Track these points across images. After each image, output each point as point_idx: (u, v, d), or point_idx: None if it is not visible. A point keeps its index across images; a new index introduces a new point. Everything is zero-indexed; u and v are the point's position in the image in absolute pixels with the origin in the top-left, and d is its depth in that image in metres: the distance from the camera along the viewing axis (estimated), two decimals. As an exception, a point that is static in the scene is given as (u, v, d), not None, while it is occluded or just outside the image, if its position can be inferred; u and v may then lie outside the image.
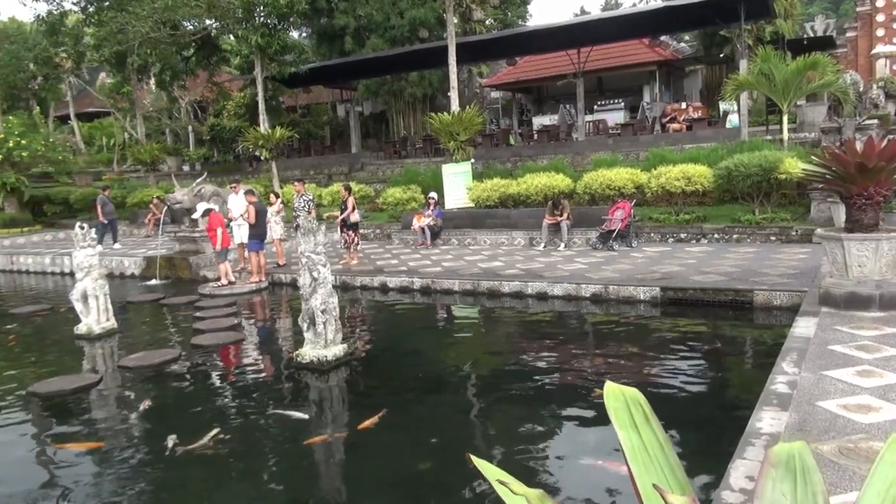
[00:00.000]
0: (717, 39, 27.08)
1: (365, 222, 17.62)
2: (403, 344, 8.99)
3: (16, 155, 23.34)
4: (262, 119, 23.20)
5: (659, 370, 6.92)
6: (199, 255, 14.79)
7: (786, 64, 15.97)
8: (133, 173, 31.17)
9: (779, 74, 15.65)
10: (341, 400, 6.93)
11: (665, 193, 14.91)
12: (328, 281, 7.73)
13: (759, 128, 21.40)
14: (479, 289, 11.01)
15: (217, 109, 32.98)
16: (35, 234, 22.84)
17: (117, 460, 5.39)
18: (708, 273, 10.17)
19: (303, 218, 7.83)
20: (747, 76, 17.17)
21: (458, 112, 18.62)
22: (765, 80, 16.08)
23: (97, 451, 5.58)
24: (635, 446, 1.44)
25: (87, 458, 5.48)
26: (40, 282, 16.66)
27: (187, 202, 14.99)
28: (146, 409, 6.63)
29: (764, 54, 16.22)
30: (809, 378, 5.09)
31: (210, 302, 11.78)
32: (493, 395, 6.59)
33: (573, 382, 6.68)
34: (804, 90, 16.21)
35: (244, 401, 6.76)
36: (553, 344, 8.29)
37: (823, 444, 3.86)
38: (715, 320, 8.64)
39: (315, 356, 7.46)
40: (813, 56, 15.72)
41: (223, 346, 8.85)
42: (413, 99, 30.55)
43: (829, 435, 4.04)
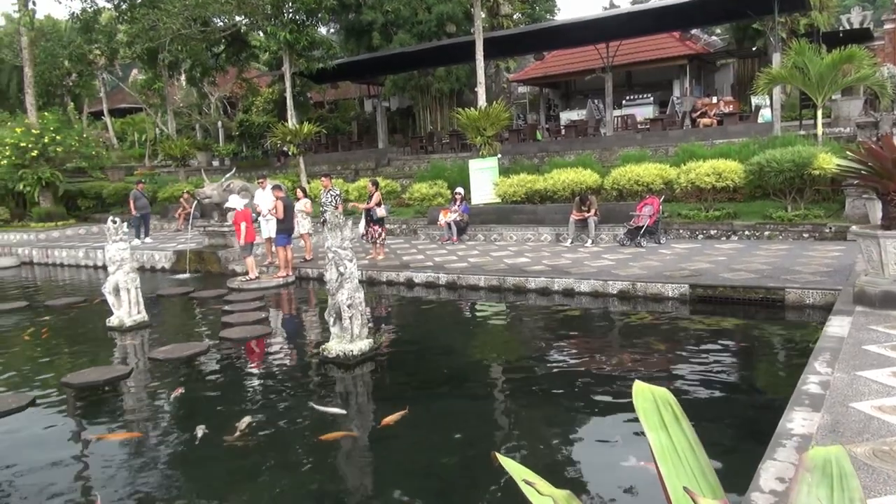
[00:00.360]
0: (750, 33, 26.55)
1: (391, 217, 17.67)
2: (428, 339, 8.99)
3: (51, 150, 23.82)
4: (290, 114, 23.38)
5: (687, 369, 6.83)
6: (228, 250, 14.96)
7: (821, 57, 15.62)
8: (164, 168, 31.64)
9: (813, 68, 15.32)
10: (366, 394, 6.95)
11: (695, 189, 14.71)
12: (354, 276, 7.76)
13: (793, 123, 20.98)
14: (504, 285, 10.97)
15: (246, 105, 33.31)
16: (69, 228, 23.32)
17: (146, 450, 5.47)
18: (738, 270, 10.01)
19: (330, 213, 7.86)
20: (780, 70, 16.84)
21: (485, 107, 18.56)
22: (799, 73, 15.75)
23: (131, 442, 5.67)
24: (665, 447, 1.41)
25: (122, 448, 5.58)
26: (74, 274, 17.00)
27: (216, 197, 15.18)
28: (178, 398, 6.77)
29: (798, 47, 15.89)
30: (843, 378, 4.98)
31: (238, 296, 11.91)
32: (519, 392, 6.56)
33: (600, 380, 6.63)
34: (839, 84, 15.85)
35: (271, 394, 6.82)
36: (579, 341, 8.23)
37: (857, 447, 3.77)
38: (745, 319, 8.50)
39: (341, 350, 7.50)
40: (849, 49, 15.34)
41: (251, 340, 8.94)
42: (440, 94, 30.52)
43: (863, 437, 3.95)
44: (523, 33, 24.26)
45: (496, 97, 25.53)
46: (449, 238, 15.80)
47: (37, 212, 24.47)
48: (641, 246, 13.12)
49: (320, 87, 32.53)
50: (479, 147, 18.51)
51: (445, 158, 23.71)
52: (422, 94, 30.97)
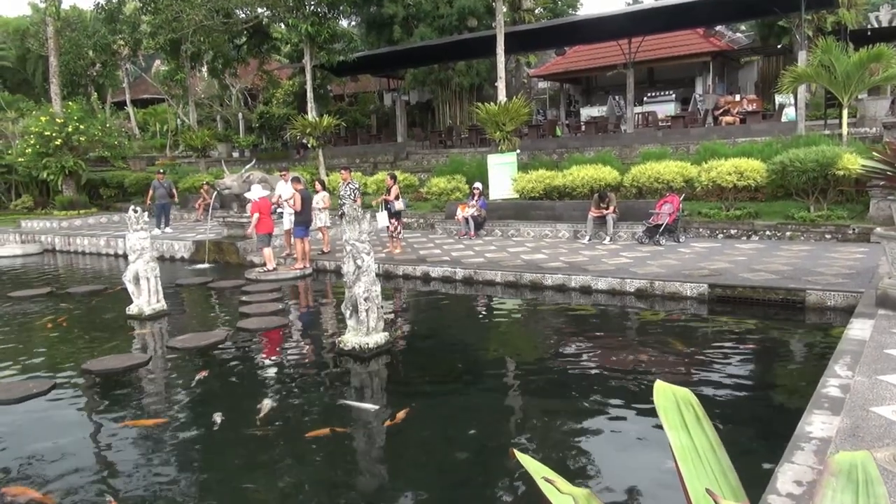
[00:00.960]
0: (776, 30, 26.21)
1: (409, 211, 17.67)
2: (444, 334, 9.00)
3: (74, 139, 24.09)
4: (311, 107, 23.44)
5: (704, 369, 6.77)
6: (247, 241, 15.05)
7: (847, 56, 15.37)
8: (184, 159, 31.88)
9: (840, 66, 15.07)
10: (381, 388, 6.97)
11: (715, 188, 14.56)
12: (371, 269, 7.77)
13: (817, 122, 20.67)
14: (521, 281, 10.94)
15: (266, 97, 33.44)
16: (91, 217, 23.59)
17: (163, 437, 5.53)
18: (758, 271, 9.90)
19: (348, 206, 7.88)
20: (806, 68, 16.60)
21: (505, 102, 18.49)
22: (825, 72, 15.51)
23: (151, 428, 5.73)
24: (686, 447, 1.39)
25: (139, 433, 5.64)
26: (95, 263, 17.20)
27: (236, 188, 15.28)
28: (201, 380, 6.91)
29: (825, 45, 15.64)
30: (864, 382, 4.91)
31: (256, 287, 11.99)
32: (534, 389, 6.54)
33: (616, 379, 6.59)
34: (866, 83, 15.58)
35: (287, 384, 6.86)
36: (596, 339, 8.18)
37: (877, 452, 3.72)
38: (765, 320, 8.40)
39: (357, 343, 7.52)
40: (877, 48, 15.07)
41: (268, 331, 9.00)
42: (460, 89, 30.45)
43: (884, 442, 3.89)
44: (545, 28, 24.10)
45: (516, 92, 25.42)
46: (466, 233, 15.78)
47: (60, 200, 24.79)
48: (660, 244, 13.02)
49: (340, 80, 32.56)
50: (498, 142, 18.45)
51: (464, 153, 23.67)
52: (442, 89, 30.92)
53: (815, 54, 16.11)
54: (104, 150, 26.17)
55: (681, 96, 27.04)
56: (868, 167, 7.95)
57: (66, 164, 24.05)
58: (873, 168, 7.65)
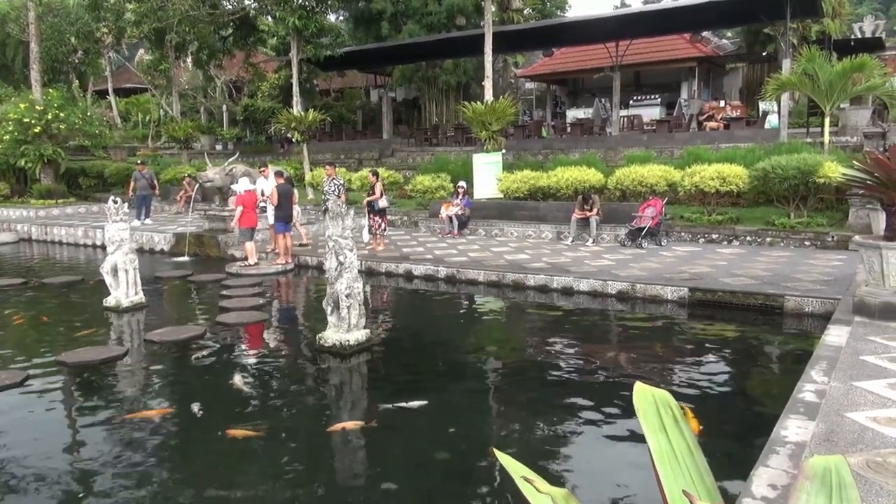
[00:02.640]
0: (761, 37, 26.46)
1: (392, 209, 17.64)
2: (425, 332, 9.00)
3: (54, 127, 23.73)
4: (296, 101, 23.31)
5: (683, 372, 6.83)
6: (228, 234, 14.95)
7: (831, 65, 15.56)
8: (167, 150, 31.56)
9: (823, 75, 15.27)
10: (361, 385, 6.96)
11: (698, 193, 14.67)
12: (354, 266, 7.75)
13: (800, 130, 20.92)
14: (503, 280, 10.97)
15: (252, 90, 33.20)
16: (69, 207, 23.29)
17: (140, 432, 5.47)
18: (738, 276, 10.00)
19: (332, 202, 7.85)
20: (790, 76, 16.79)
21: (492, 102, 18.52)
22: (808, 80, 15.70)
23: (127, 421, 5.67)
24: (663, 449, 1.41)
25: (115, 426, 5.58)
26: (72, 253, 16.99)
27: (218, 181, 15.16)
28: (197, 359, 7.11)
29: (809, 54, 15.83)
30: (839, 388, 4.98)
31: (236, 281, 11.91)
32: (515, 389, 6.56)
33: (598, 380, 6.63)
34: (849, 93, 15.78)
35: (265, 381, 6.82)
36: (577, 340, 8.23)
37: (851, 457, 3.77)
38: (743, 324, 8.49)
39: (337, 340, 7.50)
40: (860, 58, 15.28)
41: (247, 326, 8.95)
42: (447, 87, 30.44)
43: (857, 447, 3.95)
44: (533, 29, 24.16)
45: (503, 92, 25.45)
46: (450, 232, 15.79)
47: (37, 189, 24.42)
48: (642, 247, 13.12)
49: (327, 75, 32.42)
50: (483, 141, 18.47)
51: (449, 152, 23.66)
52: (428, 86, 30.88)
53: (799, 63, 16.30)
54: (84, 139, 25.79)
55: (666, 101, 27.22)
56: (848, 176, 8.06)
57: (44, 153, 23.67)
58: (853, 177, 7.76)
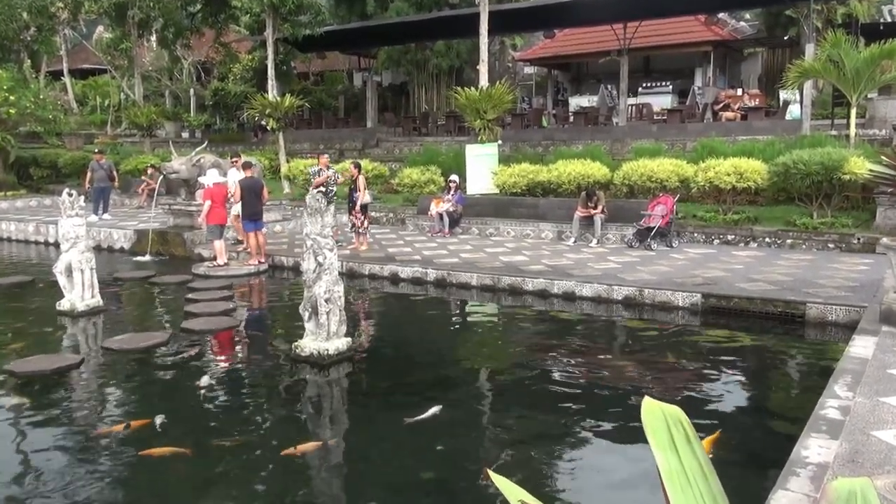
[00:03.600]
0: (783, 20, 26.59)
1: (377, 205, 17.63)
2: (412, 341, 9.00)
3: (3, 112, 23.54)
4: (271, 85, 23.24)
5: (695, 386, 6.86)
6: (195, 231, 14.88)
7: (858, 51, 15.66)
8: (127, 138, 31.38)
9: (849, 62, 15.36)
10: (341, 399, 6.94)
11: (713, 189, 14.74)
12: (334, 267, 7.74)
13: (823, 121, 21.05)
14: (499, 284, 10.98)
15: (222, 72, 33.06)
16: (19, 199, 23.12)
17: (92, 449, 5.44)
18: (756, 281, 10.06)
19: (310, 196, 7.83)
20: (813, 63, 16.88)
21: (487, 88, 18.53)
22: (833, 67, 15.79)
23: (75, 438, 5.64)
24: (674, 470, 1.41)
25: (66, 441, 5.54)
26: (22, 251, 16.87)
27: (185, 172, 15.06)
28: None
29: (834, 39, 15.92)
30: (864, 404, 5.01)
31: (204, 283, 11.86)
32: (511, 403, 6.56)
33: (602, 394, 6.64)
34: (877, 81, 15.89)
35: (235, 394, 6.80)
36: (580, 350, 8.25)
37: (877, 479, 3.79)
38: (761, 334, 8.54)
39: (315, 349, 7.48)
40: (890, 43, 15.38)
41: (216, 333, 8.93)
42: (438, 71, 30.42)
43: (884, 469, 3.98)
44: (533, 7, 24.18)
45: (499, 77, 25.48)
46: (440, 230, 15.79)
47: (-17, 179, 24.28)
48: (651, 249, 13.16)
49: (305, 57, 32.31)
50: (478, 131, 18.47)
51: (440, 142, 23.64)
52: (418, 70, 30.85)
53: (823, 48, 16.39)
54: (36, 125, 25.57)
55: (678, 88, 27.33)
56: (876, 172, 8.12)
57: (-9, 140, 23.52)
58: (881, 174, 7.81)
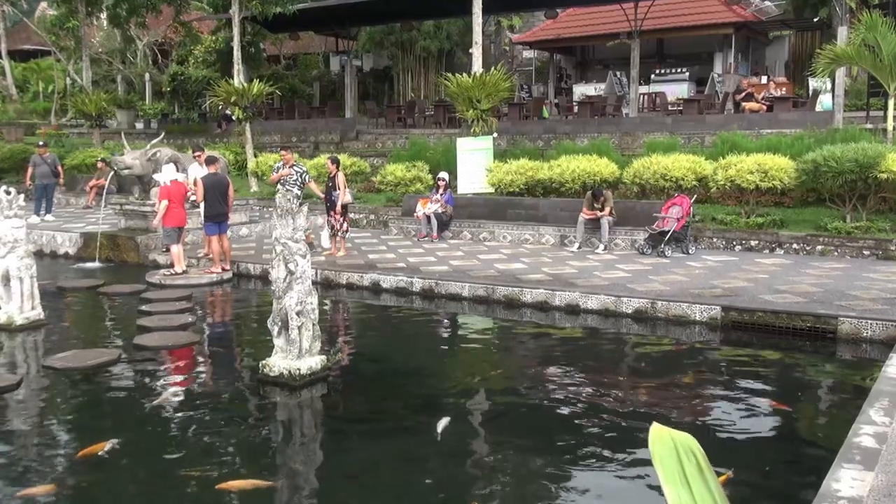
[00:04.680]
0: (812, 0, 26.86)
1: (356, 205, 17.63)
2: (395, 359, 8.98)
3: (-70, 98, 23.50)
4: (237, 70, 23.22)
5: (714, 410, 6.87)
6: (150, 235, 14.83)
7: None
8: (74, 128, 31.32)
9: (886, 47, 15.47)
10: (314, 424, 6.92)
11: (734, 189, 14.82)
12: (307, 276, 7.72)
13: (858, 113, 21.21)
14: (493, 295, 10.99)
15: (182, 55, 33.03)
16: (-51, 198, 22.95)
17: (33, 479, 5.40)
18: (782, 292, 10.10)
19: (280, 195, 7.82)
20: (846, 48, 17.01)
21: (481, 74, 18.57)
22: (868, 53, 15.91)
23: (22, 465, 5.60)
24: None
25: None
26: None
27: (138, 167, 15.01)
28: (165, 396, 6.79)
29: (870, 21, 16.04)
30: (903, 431, 5.04)
31: (160, 293, 11.81)
32: (505, 429, 6.56)
33: (606, 419, 6.64)
34: (917, 69, 16.03)
35: (193, 420, 6.75)
36: (583, 370, 8.26)
37: (917, 516, 3.81)
38: (787, 352, 8.58)
39: (286, 368, 7.45)
40: (932, 27, 15.54)
41: (173, 349, 8.89)
42: (426, 54, 30.50)
43: (925, 504, 3.99)
44: (533, -16, 24.33)
45: (495, 62, 25.54)
46: (427, 234, 15.79)
47: None
48: (665, 256, 13.21)
49: (276, 38, 32.37)
50: (470, 123, 18.51)
51: (428, 135, 23.67)
52: (403, 54, 30.93)
53: (857, 31, 16.51)
54: (-31, 114, 25.55)
55: (696, 75, 27.49)
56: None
57: (-82, 130, 23.42)
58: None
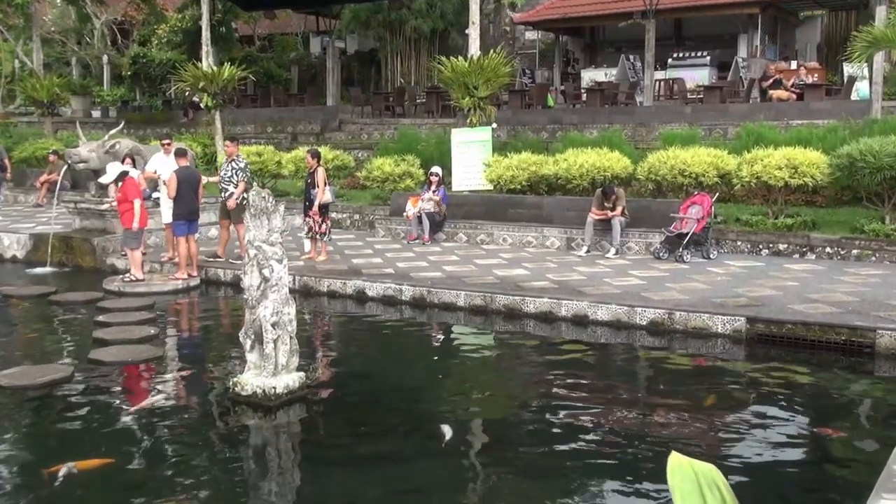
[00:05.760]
0: (846, -24, 26.99)
1: (339, 203, 17.61)
2: (383, 376, 8.96)
3: None
4: (206, 52, 23.20)
5: (738, 435, 6.87)
6: (108, 237, 14.79)
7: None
8: (23, 117, 31.26)
9: (929, 29, 15.57)
10: (291, 451, 6.90)
11: (761, 187, 14.85)
12: (284, 283, 7.71)
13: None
14: (492, 305, 10.99)
15: (144, 35, 33.02)
16: None
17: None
18: (814, 301, 10.12)
19: (255, 192, 7.80)
20: (885, 29, 17.08)
21: (479, 57, 18.59)
22: (909, 36, 15.99)
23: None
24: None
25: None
26: None
27: (95, 161, 14.97)
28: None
29: (910, 0, 16.15)
30: (949, 457, 5.04)
31: (119, 302, 11.79)
32: (504, 456, 6.55)
33: (619, 446, 6.64)
34: (964, 54, 16.12)
35: (155, 445, 6.73)
36: (592, 389, 8.26)
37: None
38: (820, 368, 8.59)
39: (260, 387, 7.43)
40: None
41: (133, 365, 8.87)
42: (417, 35, 30.51)
43: (974, 540, 3.99)
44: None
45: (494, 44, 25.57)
46: (418, 236, 15.79)
47: None
48: (684, 260, 13.22)
49: (250, 17, 32.41)
50: (466, 112, 18.52)
51: (420, 125, 23.71)
52: (392, 35, 30.93)
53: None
54: None
55: (717, 60, 27.53)
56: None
57: None
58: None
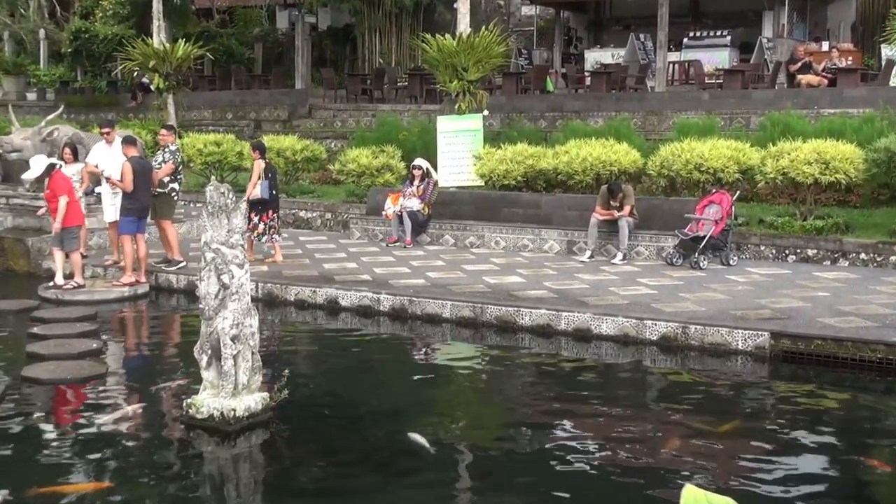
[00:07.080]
0: (884, -55, 27.15)
1: (309, 201, 17.59)
2: (357, 397, 8.95)
3: None
4: (158, 27, 23.16)
5: (761, 466, 6.90)
6: (44, 237, 14.75)
7: None
8: (-53, 100, 31.07)
9: (977, 7, 15.69)
10: (252, 480, 6.90)
11: (787, 184, 14.89)
12: (245, 290, 7.70)
13: (941, 89, 21.43)
14: (483, 317, 10.99)
15: (87, 7, 32.93)
16: None
17: None
18: (847, 314, 10.16)
19: (212, 188, 7.79)
20: (927, 7, 17.22)
21: (469, 35, 18.60)
22: (955, 14, 16.12)
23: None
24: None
25: None
26: None
27: (30, 149, 14.94)
28: None
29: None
30: None
31: (56, 312, 11.76)
32: (494, 486, 6.57)
33: (625, 476, 6.67)
34: None
35: (98, 473, 6.72)
36: (595, 413, 8.28)
37: None
38: (853, 389, 8.63)
39: (217, 408, 7.42)
40: None
41: (72, 384, 8.84)
42: (398, 10, 30.51)
43: None
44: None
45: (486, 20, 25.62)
46: (399, 238, 15.78)
47: None
48: (700, 267, 13.24)
49: (208, -13, 32.35)
50: (454, 97, 18.52)
51: (401, 111, 23.69)
52: (369, 9, 30.90)
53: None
54: None
55: (739, 40, 27.64)
56: None
57: None
58: None
